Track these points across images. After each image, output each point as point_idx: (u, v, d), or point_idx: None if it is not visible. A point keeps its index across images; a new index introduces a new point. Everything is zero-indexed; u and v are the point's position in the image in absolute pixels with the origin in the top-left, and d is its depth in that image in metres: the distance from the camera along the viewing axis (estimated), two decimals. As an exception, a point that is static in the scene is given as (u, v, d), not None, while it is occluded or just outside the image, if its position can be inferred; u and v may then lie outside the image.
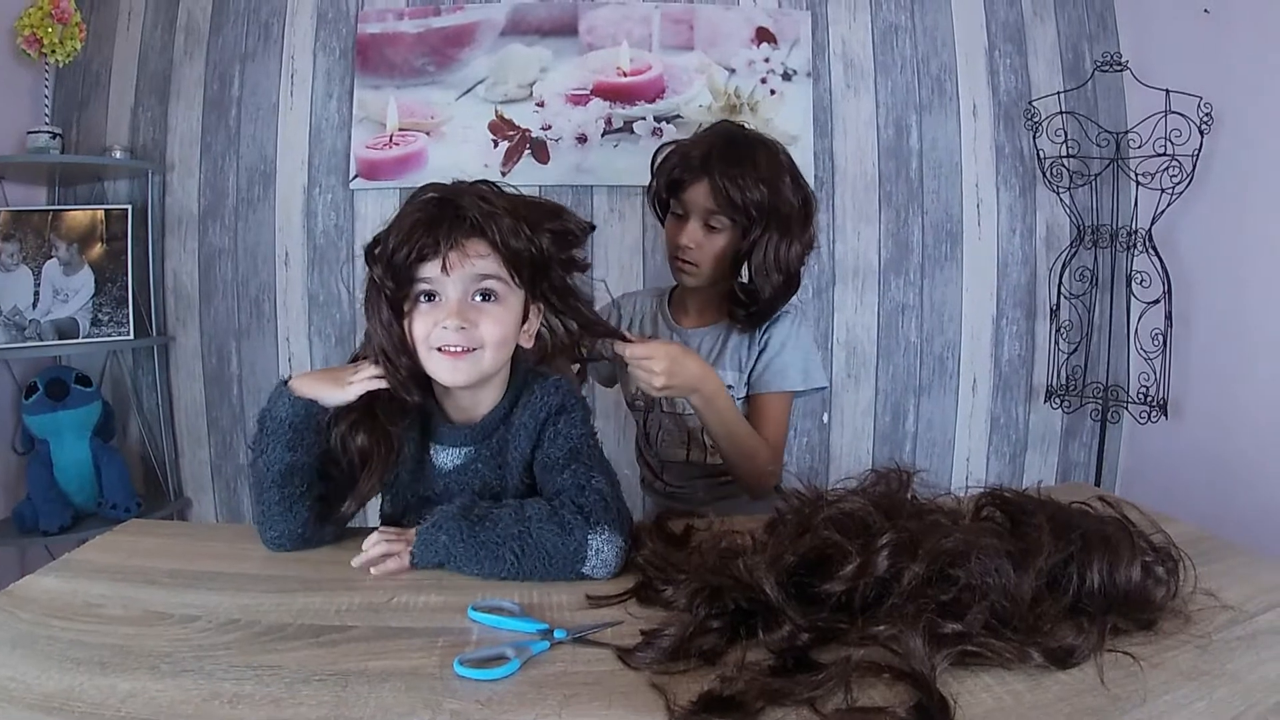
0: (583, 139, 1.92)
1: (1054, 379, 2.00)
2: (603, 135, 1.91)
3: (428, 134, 1.91)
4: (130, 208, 1.87)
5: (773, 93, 1.94)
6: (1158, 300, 1.83)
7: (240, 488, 2.03)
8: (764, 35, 1.94)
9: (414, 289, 0.80)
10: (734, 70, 1.93)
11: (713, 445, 1.14)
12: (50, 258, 1.81)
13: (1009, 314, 2.03)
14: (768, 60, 1.94)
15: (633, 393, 1.24)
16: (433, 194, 0.81)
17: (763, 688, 0.52)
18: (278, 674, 0.57)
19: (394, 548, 0.77)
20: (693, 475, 1.24)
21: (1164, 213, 1.79)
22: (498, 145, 1.92)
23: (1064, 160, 1.90)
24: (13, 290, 1.78)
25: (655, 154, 1.19)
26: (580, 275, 0.91)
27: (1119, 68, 1.87)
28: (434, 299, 0.80)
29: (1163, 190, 1.76)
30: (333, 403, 0.81)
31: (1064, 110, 1.93)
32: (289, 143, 1.95)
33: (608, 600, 0.70)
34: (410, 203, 0.81)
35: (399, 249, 0.78)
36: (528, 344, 0.88)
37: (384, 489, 0.88)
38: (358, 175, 1.93)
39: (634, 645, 0.60)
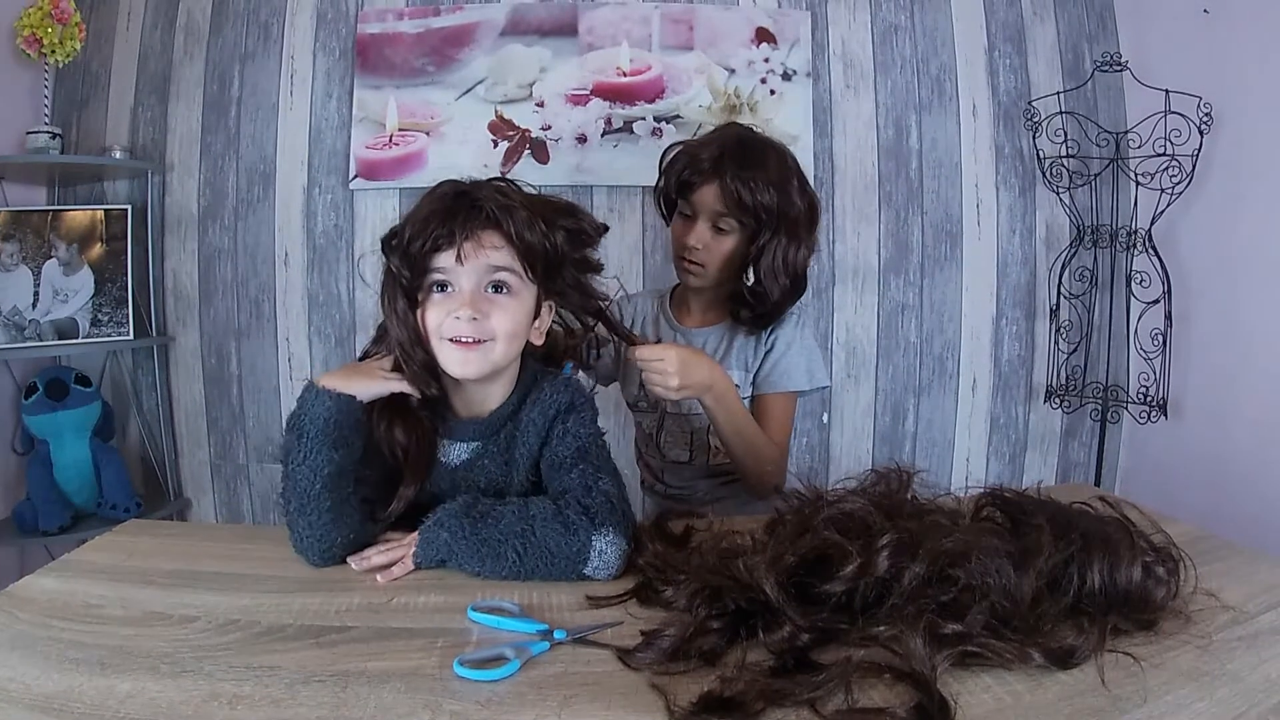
0: (582, 139, 1.91)
1: (1054, 379, 2.00)
2: (602, 135, 1.91)
3: (427, 134, 1.91)
4: (130, 208, 1.87)
5: (772, 93, 1.94)
6: (1157, 300, 1.83)
7: (240, 488, 2.03)
8: (764, 35, 1.94)
9: (428, 279, 0.80)
10: (734, 70, 1.93)
11: (720, 445, 1.14)
12: (50, 258, 1.81)
13: (1009, 314, 2.03)
14: (767, 60, 1.93)
15: (635, 393, 1.24)
16: (450, 187, 0.81)
17: (763, 688, 0.52)
18: (277, 674, 0.57)
19: (394, 555, 0.77)
20: (694, 476, 1.24)
21: (1164, 213, 1.79)
22: (497, 145, 1.91)
23: (1064, 160, 1.90)
24: (13, 290, 1.79)
25: (664, 154, 1.19)
26: (595, 276, 0.91)
27: (1119, 68, 1.87)
28: (447, 289, 0.81)
29: (1162, 190, 1.77)
30: (369, 395, 0.79)
31: (1064, 110, 1.93)
32: (289, 143, 1.95)
33: (608, 601, 0.70)
34: (428, 195, 0.82)
35: (415, 238, 0.78)
36: (539, 341, 0.88)
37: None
38: (357, 175, 1.93)
39: (634, 646, 0.60)
